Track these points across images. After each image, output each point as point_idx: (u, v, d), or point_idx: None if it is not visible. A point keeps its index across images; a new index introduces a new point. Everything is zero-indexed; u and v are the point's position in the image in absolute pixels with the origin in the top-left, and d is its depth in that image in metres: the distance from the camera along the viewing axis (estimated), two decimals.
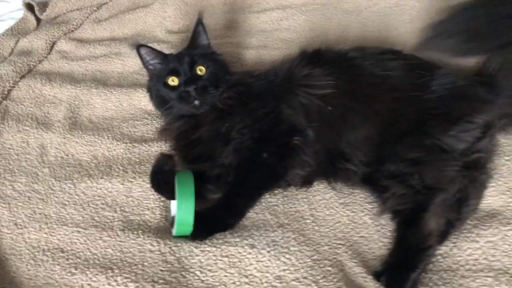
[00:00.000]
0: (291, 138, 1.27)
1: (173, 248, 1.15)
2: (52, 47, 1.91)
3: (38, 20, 2.04)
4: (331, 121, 1.28)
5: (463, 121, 1.23)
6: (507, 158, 1.29)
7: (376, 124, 1.26)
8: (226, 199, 1.22)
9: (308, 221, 1.23)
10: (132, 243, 1.18)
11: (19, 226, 1.25)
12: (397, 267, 1.10)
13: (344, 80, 1.32)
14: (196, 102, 1.31)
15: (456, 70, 1.53)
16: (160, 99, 1.40)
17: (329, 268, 1.10)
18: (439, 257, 1.13)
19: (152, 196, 1.29)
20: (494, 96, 1.28)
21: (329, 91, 1.30)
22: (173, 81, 1.35)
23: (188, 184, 1.15)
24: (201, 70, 1.35)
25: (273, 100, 1.33)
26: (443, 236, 1.14)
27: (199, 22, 1.45)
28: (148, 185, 1.28)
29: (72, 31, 1.99)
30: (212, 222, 1.19)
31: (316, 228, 1.21)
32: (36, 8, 2.02)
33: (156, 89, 1.39)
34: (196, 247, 1.15)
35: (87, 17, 2.06)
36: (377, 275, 1.09)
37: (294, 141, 1.27)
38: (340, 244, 1.17)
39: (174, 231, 1.16)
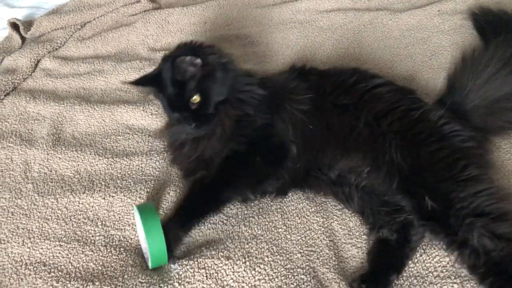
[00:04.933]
0: (281, 151, 1.32)
1: None
2: (36, 65, 1.94)
3: (23, 38, 2.07)
4: (312, 140, 1.32)
5: None
6: None
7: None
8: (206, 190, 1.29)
9: (280, 230, 1.27)
10: (114, 259, 1.21)
11: (2, 241, 1.27)
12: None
13: (323, 100, 1.36)
14: (193, 125, 1.30)
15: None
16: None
17: (303, 276, 1.15)
18: (410, 263, 1.18)
19: (132, 212, 1.32)
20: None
21: (309, 107, 1.34)
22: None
23: (152, 217, 1.15)
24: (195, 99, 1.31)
25: (269, 111, 1.35)
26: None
27: None
28: (129, 200, 1.32)
29: (56, 49, 2.03)
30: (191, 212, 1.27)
31: (288, 236, 1.25)
32: (21, 27, 2.05)
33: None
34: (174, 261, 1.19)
35: (71, 35, 2.10)
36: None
37: (284, 153, 1.32)
38: (312, 251, 1.21)
39: (150, 265, 1.17)
